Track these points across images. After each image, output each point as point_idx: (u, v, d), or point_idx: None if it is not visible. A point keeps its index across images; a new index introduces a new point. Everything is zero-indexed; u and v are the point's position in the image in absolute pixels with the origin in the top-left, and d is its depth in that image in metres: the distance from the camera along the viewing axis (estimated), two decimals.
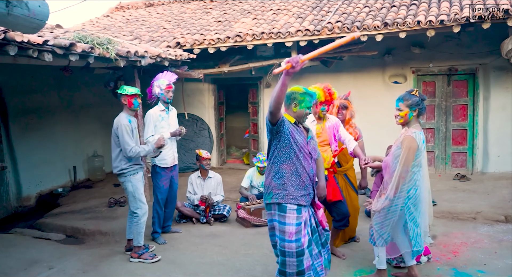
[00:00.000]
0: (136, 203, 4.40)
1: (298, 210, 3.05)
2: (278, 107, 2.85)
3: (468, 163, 7.50)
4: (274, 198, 3.08)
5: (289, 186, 3.05)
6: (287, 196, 3.04)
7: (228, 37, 6.64)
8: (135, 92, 4.40)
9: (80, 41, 4.50)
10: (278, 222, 3.07)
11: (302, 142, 3.09)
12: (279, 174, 3.07)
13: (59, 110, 7.77)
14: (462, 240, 4.77)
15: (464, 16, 5.50)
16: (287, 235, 3.02)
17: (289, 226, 3.03)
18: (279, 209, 3.07)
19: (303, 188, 3.08)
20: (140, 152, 4.32)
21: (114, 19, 9.25)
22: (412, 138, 3.35)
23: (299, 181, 3.06)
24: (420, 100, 3.48)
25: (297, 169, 3.05)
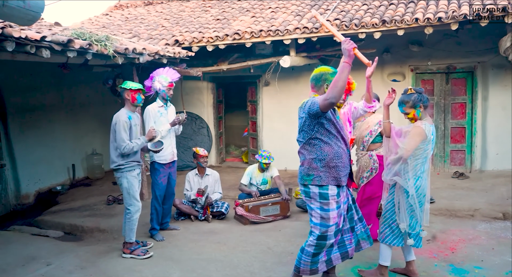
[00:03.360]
0: (130, 199, 4.40)
1: (338, 194, 3.14)
2: (341, 96, 2.88)
3: (467, 161, 7.51)
4: (316, 180, 3.11)
5: (332, 168, 3.10)
6: (329, 178, 3.09)
7: (226, 35, 6.65)
8: (138, 87, 4.41)
9: (78, 37, 4.51)
10: (320, 209, 3.14)
11: (337, 123, 3.14)
12: (321, 156, 3.10)
13: (58, 108, 7.77)
14: (460, 237, 4.78)
15: (462, 13, 5.50)
16: (331, 221, 3.14)
17: (332, 211, 3.13)
18: (321, 197, 3.12)
19: (343, 169, 3.14)
20: (133, 147, 4.31)
21: (113, 17, 9.26)
22: (421, 128, 3.40)
23: (341, 161, 3.12)
24: (420, 94, 3.51)
25: (338, 151, 3.11)
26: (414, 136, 3.40)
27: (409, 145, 3.38)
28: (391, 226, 3.64)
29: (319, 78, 3.22)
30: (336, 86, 2.82)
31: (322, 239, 3.18)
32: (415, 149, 3.40)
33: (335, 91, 2.83)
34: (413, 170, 3.46)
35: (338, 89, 2.82)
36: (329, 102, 2.88)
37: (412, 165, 3.45)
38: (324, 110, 2.98)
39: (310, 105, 3.06)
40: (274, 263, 4.25)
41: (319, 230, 3.18)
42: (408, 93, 3.54)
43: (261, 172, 6.16)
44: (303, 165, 3.23)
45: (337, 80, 2.83)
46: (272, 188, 6.17)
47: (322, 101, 2.96)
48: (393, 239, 3.64)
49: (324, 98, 2.93)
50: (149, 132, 4.54)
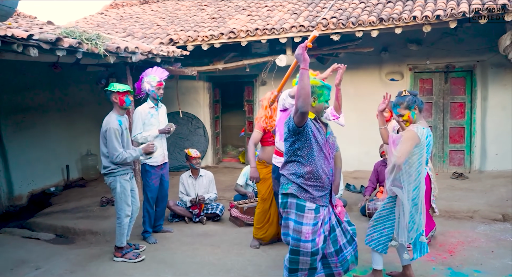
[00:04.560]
0: (121, 204, 4.30)
1: (316, 210, 2.97)
2: (309, 104, 2.76)
3: (466, 161, 7.41)
4: (293, 189, 2.98)
5: (308, 187, 2.96)
6: (306, 194, 2.97)
7: (221, 33, 6.55)
8: (126, 89, 4.28)
9: (68, 36, 4.40)
10: (294, 222, 2.98)
11: (322, 140, 2.99)
12: (299, 173, 2.98)
13: (52, 108, 7.67)
14: (459, 239, 4.69)
15: (461, 11, 5.41)
16: (303, 235, 2.95)
17: (306, 226, 2.95)
18: (297, 208, 2.98)
19: (321, 189, 2.99)
20: (127, 158, 4.19)
21: (108, 16, 9.16)
22: (413, 132, 3.29)
23: (318, 182, 2.98)
24: (413, 96, 3.43)
25: (318, 171, 2.96)
26: (406, 141, 3.27)
27: (401, 151, 3.25)
28: (381, 232, 3.56)
29: None
30: (300, 95, 2.69)
31: (294, 253, 3.01)
32: (410, 155, 3.29)
33: (301, 100, 2.70)
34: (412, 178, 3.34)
35: (303, 97, 2.69)
36: (300, 113, 2.76)
37: (410, 173, 3.34)
38: (299, 124, 2.85)
39: (288, 120, 2.96)
40: (269, 266, 4.15)
41: (291, 243, 3.03)
42: (402, 95, 3.46)
43: None
44: (284, 176, 3.10)
45: (299, 89, 2.70)
46: None
47: (294, 114, 2.85)
48: (377, 244, 3.57)
49: (294, 111, 2.83)
50: (147, 147, 4.39)
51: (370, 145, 6.76)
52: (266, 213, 4.62)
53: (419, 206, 3.43)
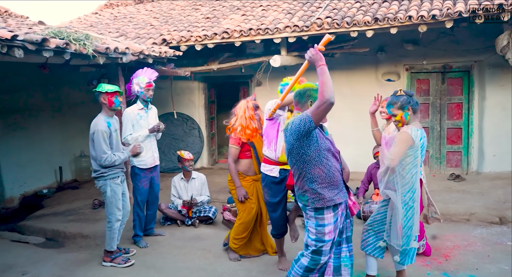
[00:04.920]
0: (112, 208, 4.22)
1: (334, 208, 2.99)
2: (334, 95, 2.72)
3: (463, 162, 7.33)
4: (310, 202, 2.98)
5: (323, 190, 2.94)
6: (323, 200, 2.94)
7: (215, 33, 6.45)
8: (115, 90, 4.19)
9: (55, 36, 4.31)
10: (316, 225, 2.99)
11: (326, 140, 2.98)
12: (312, 179, 2.94)
13: (45, 109, 7.60)
14: (455, 243, 4.61)
15: (457, 10, 5.32)
16: (327, 236, 2.98)
17: (328, 226, 2.97)
18: (316, 213, 2.98)
19: (336, 186, 2.98)
20: (116, 161, 4.12)
21: (102, 16, 9.06)
22: (407, 134, 3.20)
23: (333, 181, 2.96)
24: (408, 97, 3.33)
25: (329, 170, 2.95)
26: (399, 143, 3.19)
27: (394, 153, 3.17)
28: (376, 236, 3.48)
29: (302, 94, 3.06)
30: (327, 86, 2.70)
31: (317, 253, 3.01)
32: (403, 157, 3.21)
33: (328, 91, 2.69)
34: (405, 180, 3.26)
35: (329, 88, 2.70)
36: (328, 104, 2.69)
37: (403, 175, 3.25)
38: (319, 121, 2.80)
39: (299, 123, 2.83)
40: (260, 271, 4.08)
41: (314, 245, 3.02)
42: (397, 94, 3.37)
43: None
44: (296, 185, 3.08)
45: (324, 81, 2.71)
46: None
47: (316, 109, 2.76)
48: (373, 249, 3.49)
49: (318, 104, 2.74)
50: (134, 148, 4.37)
51: (366, 146, 6.65)
52: (247, 227, 4.25)
53: (415, 209, 3.34)
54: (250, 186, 4.20)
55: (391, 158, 3.16)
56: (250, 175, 4.21)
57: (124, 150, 4.30)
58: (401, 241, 3.30)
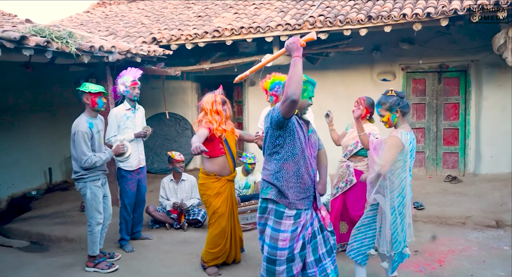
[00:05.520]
0: (92, 211, 4.09)
1: (296, 216, 2.81)
2: (300, 92, 2.56)
3: (460, 164, 7.19)
4: (272, 194, 2.82)
5: (288, 189, 2.79)
6: (286, 199, 2.80)
7: (206, 32, 6.32)
8: (99, 90, 4.06)
9: (36, 34, 4.17)
10: (272, 229, 2.82)
11: (304, 138, 2.83)
12: (279, 174, 2.80)
13: (34, 109, 7.45)
14: (450, 248, 4.47)
15: (453, 8, 5.18)
16: (280, 243, 2.79)
17: (283, 233, 2.79)
18: (275, 215, 2.82)
19: (303, 191, 2.82)
20: (96, 162, 3.96)
21: (94, 15, 8.92)
22: (397, 138, 3.07)
23: (300, 183, 2.80)
24: (399, 98, 3.19)
25: (299, 170, 2.79)
26: (390, 148, 3.06)
27: (385, 159, 3.05)
28: (362, 241, 3.35)
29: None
30: (292, 82, 2.51)
31: (270, 262, 2.83)
32: (394, 162, 3.07)
33: (293, 87, 2.49)
34: (394, 185, 3.13)
35: (294, 84, 2.49)
36: (290, 101, 2.51)
37: (392, 180, 3.12)
38: (287, 114, 2.64)
39: (272, 112, 2.73)
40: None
41: (266, 251, 2.84)
42: (387, 94, 3.23)
43: (245, 176, 5.87)
44: (263, 179, 2.92)
45: (291, 76, 2.53)
46: (254, 194, 5.85)
47: (281, 104, 2.62)
48: (356, 255, 3.36)
49: (283, 100, 2.59)
50: (117, 147, 4.17)
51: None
52: (225, 233, 3.92)
53: (405, 215, 3.21)
54: (224, 188, 3.89)
55: (382, 164, 3.03)
56: (225, 175, 3.90)
57: (106, 151, 4.15)
58: (390, 247, 3.18)
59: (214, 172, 3.85)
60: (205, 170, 3.88)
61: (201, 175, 3.91)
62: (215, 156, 3.84)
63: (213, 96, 3.87)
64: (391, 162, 3.05)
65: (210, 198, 3.85)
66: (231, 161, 3.90)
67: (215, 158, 3.84)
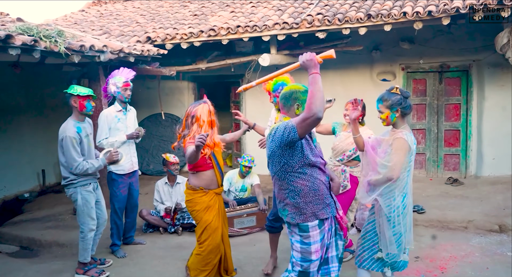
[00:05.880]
0: (84, 217, 3.95)
1: (320, 223, 2.72)
2: (324, 109, 2.49)
3: (461, 166, 7.05)
4: (290, 217, 2.72)
5: (307, 204, 2.68)
6: (306, 215, 2.68)
7: (201, 31, 6.17)
8: (88, 93, 3.92)
9: (24, 33, 4.02)
10: (301, 243, 2.72)
11: (313, 150, 2.71)
12: (295, 192, 2.68)
13: (27, 110, 7.31)
14: (451, 253, 4.33)
15: (455, 6, 5.03)
16: (314, 255, 2.71)
17: (314, 245, 2.70)
18: (300, 230, 2.71)
19: (322, 201, 2.71)
20: (88, 169, 3.83)
21: (88, 13, 8.77)
22: (404, 140, 2.94)
23: (318, 195, 2.70)
24: (402, 98, 3.04)
25: (314, 183, 2.68)
26: (398, 151, 2.92)
27: (395, 163, 2.91)
28: (371, 248, 3.20)
29: (288, 97, 2.73)
30: (316, 98, 2.39)
31: (304, 275, 2.74)
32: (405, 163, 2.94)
33: (317, 104, 2.39)
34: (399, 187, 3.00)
35: (319, 101, 2.39)
36: (315, 118, 2.41)
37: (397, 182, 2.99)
38: (304, 133, 2.51)
39: (284, 131, 2.55)
40: None
41: (299, 265, 2.73)
42: (392, 91, 3.07)
43: (242, 178, 5.72)
44: (277, 198, 2.81)
45: (314, 93, 2.39)
46: (250, 197, 5.72)
47: (302, 122, 2.46)
48: (371, 263, 3.21)
49: (305, 117, 2.44)
50: (111, 155, 4.01)
51: None
52: (219, 249, 3.57)
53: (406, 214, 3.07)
54: (213, 201, 3.55)
55: (393, 168, 2.89)
56: (212, 189, 3.55)
57: (100, 158, 4.01)
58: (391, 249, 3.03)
59: (201, 186, 3.50)
60: (191, 185, 3.54)
61: (187, 191, 3.58)
62: (202, 170, 3.50)
63: (208, 105, 3.50)
64: (401, 165, 2.92)
65: (200, 213, 3.50)
66: (219, 174, 3.59)
67: (202, 172, 3.50)
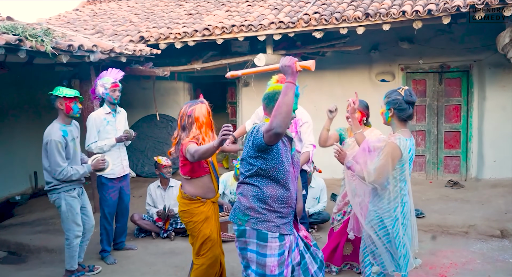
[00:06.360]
0: (69, 224, 3.81)
1: (281, 237, 2.54)
2: (287, 125, 2.33)
3: (462, 168, 6.90)
4: (252, 222, 2.52)
5: (271, 213, 2.52)
6: (269, 223, 2.51)
7: (195, 30, 6.02)
8: (74, 95, 3.77)
9: (8, 32, 3.88)
10: (257, 253, 2.52)
11: (288, 159, 2.56)
12: (261, 197, 2.53)
13: (19, 111, 7.15)
14: (452, 260, 4.19)
15: (455, 5, 4.90)
16: (268, 269, 2.49)
17: (270, 258, 2.50)
18: (258, 237, 2.51)
19: (286, 215, 2.57)
20: (72, 175, 3.68)
21: (82, 13, 8.63)
22: (395, 145, 2.73)
23: (283, 207, 2.55)
24: (401, 100, 2.84)
25: (284, 194, 2.54)
26: (385, 156, 2.71)
27: (379, 169, 2.71)
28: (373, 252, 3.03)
29: (271, 97, 2.62)
30: (280, 112, 2.25)
31: None
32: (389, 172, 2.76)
33: (280, 119, 2.24)
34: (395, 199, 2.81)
35: (282, 115, 2.24)
36: (273, 133, 2.28)
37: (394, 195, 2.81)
38: (270, 143, 2.38)
39: (256, 134, 2.44)
40: None
41: None
42: (397, 90, 2.88)
43: (236, 181, 5.55)
44: (240, 201, 2.60)
45: (280, 105, 2.26)
46: None
47: (265, 132, 2.35)
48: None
49: (267, 128, 2.32)
50: (97, 163, 3.86)
51: None
52: (217, 261, 3.32)
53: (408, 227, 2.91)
54: (211, 211, 3.27)
55: (377, 174, 2.71)
56: (209, 197, 3.28)
57: (85, 164, 3.86)
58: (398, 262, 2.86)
59: (198, 196, 3.21)
60: (187, 194, 3.22)
61: (182, 201, 3.26)
62: (199, 176, 3.22)
63: (206, 105, 3.26)
64: (387, 172, 2.73)
65: (198, 225, 3.20)
66: (216, 180, 3.33)
67: (198, 178, 3.21)
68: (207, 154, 2.94)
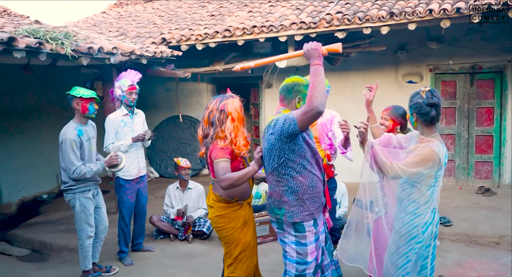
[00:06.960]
0: (82, 224, 3.83)
1: (315, 224, 2.70)
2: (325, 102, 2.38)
3: (494, 174, 6.56)
4: (288, 216, 2.64)
5: (305, 201, 2.64)
6: (303, 213, 2.64)
7: (216, 32, 5.99)
8: (91, 96, 3.80)
9: (29, 35, 3.95)
10: (296, 244, 2.67)
11: (312, 143, 2.68)
12: (293, 188, 2.63)
13: (45, 112, 7.35)
14: (480, 273, 3.96)
15: (486, 2, 4.63)
16: (309, 256, 2.66)
17: (310, 245, 2.66)
18: (296, 230, 2.66)
19: (318, 199, 2.70)
20: (86, 173, 3.69)
21: (109, 15, 8.79)
22: (434, 153, 2.55)
23: (315, 192, 2.67)
24: (422, 104, 2.66)
25: (313, 179, 2.66)
26: (423, 160, 2.55)
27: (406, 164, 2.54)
28: None
29: (290, 89, 2.67)
30: (317, 91, 2.32)
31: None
32: (422, 176, 2.58)
33: (319, 97, 2.31)
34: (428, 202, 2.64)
35: (320, 93, 2.32)
36: (316, 112, 2.33)
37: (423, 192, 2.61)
38: (305, 127, 2.44)
39: (284, 123, 2.47)
40: None
41: (295, 268, 2.63)
42: (419, 92, 2.70)
43: (255, 184, 5.49)
44: (272, 197, 2.72)
45: (316, 85, 2.33)
46: (265, 204, 5.48)
47: (302, 115, 2.39)
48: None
49: (306, 110, 2.36)
50: (110, 159, 3.83)
51: None
52: (253, 269, 3.04)
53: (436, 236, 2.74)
54: (248, 214, 2.99)
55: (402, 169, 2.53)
56: (245, 199, 2.99)
57: (98, 161, 3.88)
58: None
59: (235, 197, 2.90)
60: (223, 196, 2.89)
61: (218, 204, 2.93)
62: None
63: (237, 100, 2.93)
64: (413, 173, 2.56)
65: (236, 231, 2.89)
66: (251, 180, 3.00)
67: None
68: (243, 180, 2.67)
